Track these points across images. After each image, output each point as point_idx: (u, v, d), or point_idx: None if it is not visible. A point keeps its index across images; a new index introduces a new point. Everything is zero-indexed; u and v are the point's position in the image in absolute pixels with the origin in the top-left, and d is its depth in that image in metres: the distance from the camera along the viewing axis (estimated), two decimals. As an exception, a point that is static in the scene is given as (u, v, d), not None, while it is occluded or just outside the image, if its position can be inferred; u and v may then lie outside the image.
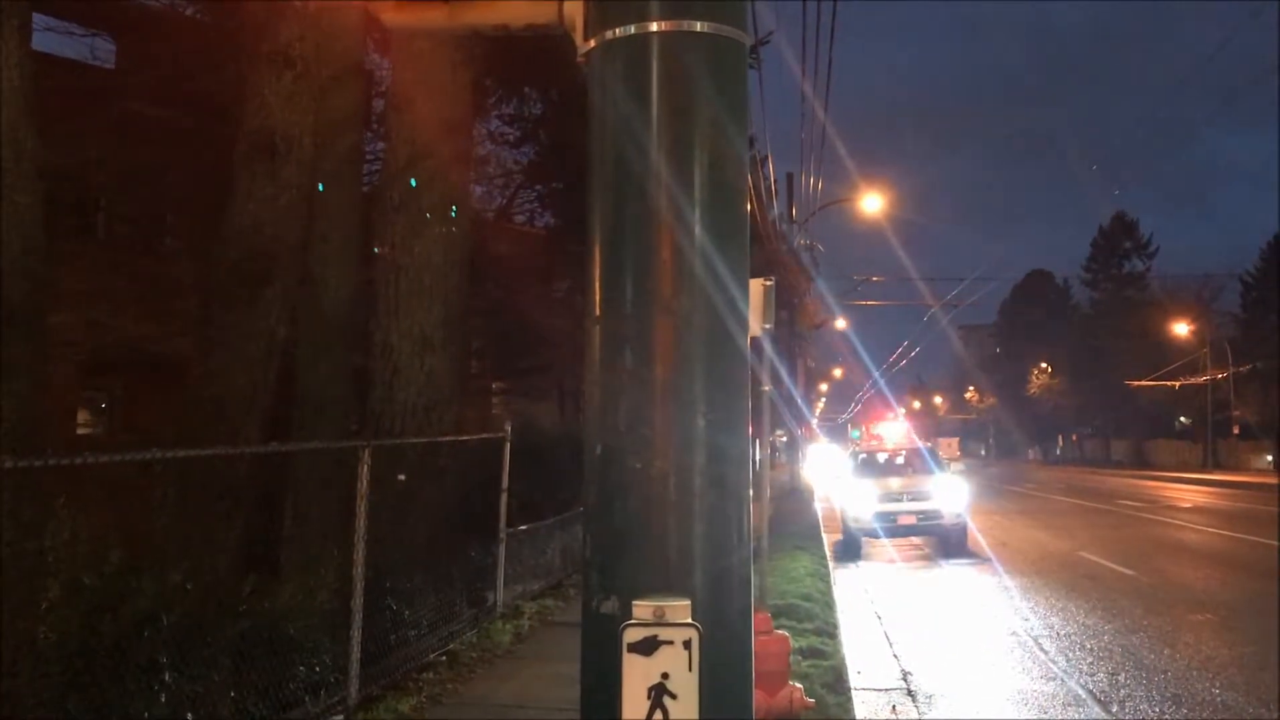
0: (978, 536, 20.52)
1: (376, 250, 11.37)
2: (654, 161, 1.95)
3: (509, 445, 11.26)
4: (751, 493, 2.07)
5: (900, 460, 24.16)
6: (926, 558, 19.56)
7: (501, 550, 11.02)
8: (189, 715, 6.21)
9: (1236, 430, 64.08)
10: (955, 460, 24.00)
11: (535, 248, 22.06)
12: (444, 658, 9.17)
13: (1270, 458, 64.06)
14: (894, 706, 8.87)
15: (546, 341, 21.37)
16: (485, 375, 23.98)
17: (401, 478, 10.07)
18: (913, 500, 19.60)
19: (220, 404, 8.91)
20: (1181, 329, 66.00)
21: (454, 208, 11.30)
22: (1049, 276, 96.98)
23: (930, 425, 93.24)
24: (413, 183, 10.90)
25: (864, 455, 25.26)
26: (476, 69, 12.06)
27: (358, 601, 7.73)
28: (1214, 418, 64.37)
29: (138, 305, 15.74)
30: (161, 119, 14.71)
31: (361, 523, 7.80)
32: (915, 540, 21.10)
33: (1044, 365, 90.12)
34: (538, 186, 21.85)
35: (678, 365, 1.95)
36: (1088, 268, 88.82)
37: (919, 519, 19.38)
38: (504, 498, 11.10)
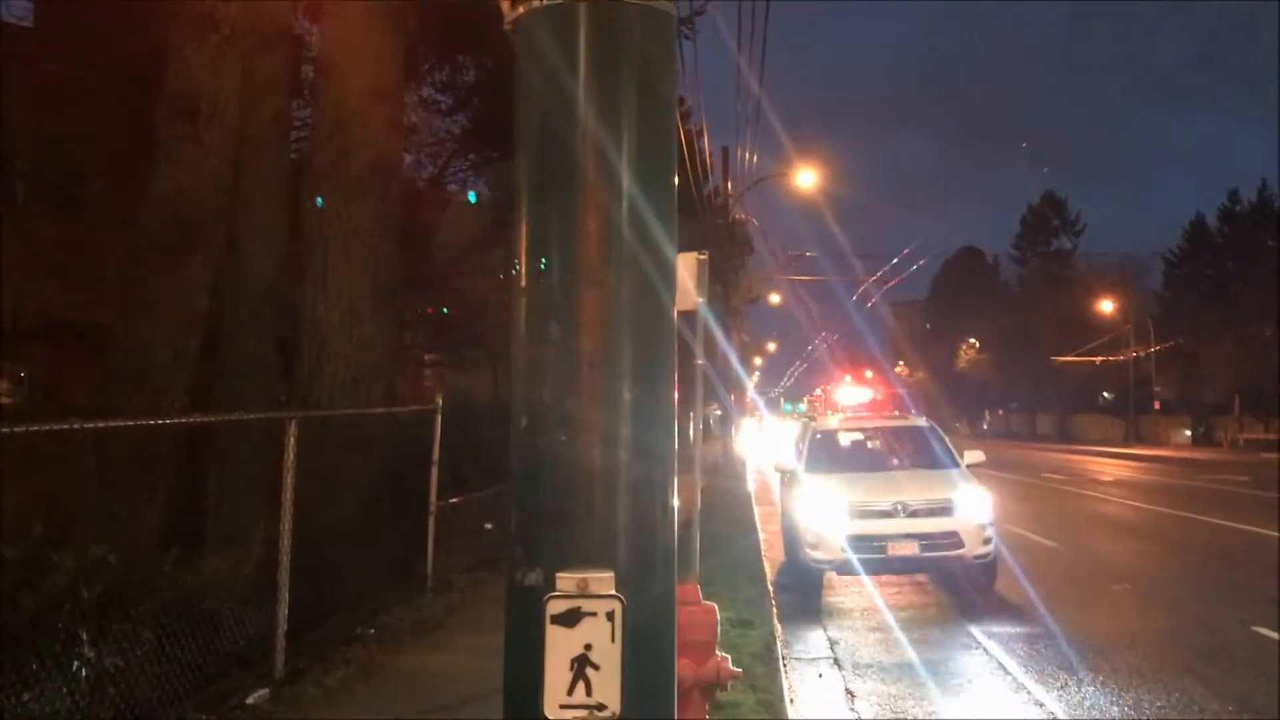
0: (1019, 578, 13.07)
1: (304, 219, 11.19)
2: (581, 131, 1.93)
3: (440, 418, 11.18)
4: (683, 464, 2.07)
5: (882, 444, 15.48)
6: (935, 613, 11.95)
7: (431, 523, 10.96)
8: (110, 689, 6.11)
9: (1158, 406, 65.85)
10: (972, 451, 14.70)
11: (468, 217, 21.83)
12: (373, 631, 9.12)
13: (1189, 432, 65.92)
14: (820, 675, 9.02)
15: (479, 313, 21.21)
16: (417, 347, 23.77)
17: (329, 450, 9.96)
18: (913, 516, 12.18)
19: (142, 374, 8.74)
20: (1107, 306, 67.48)
21: (384, 176, 11.14)
22: (979, 254, 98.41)
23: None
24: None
25: (821, 434, 15.67)
26: (408, 36, 11.88)
27: (284, 574, 7.65)
28: (1136, 393, 66.06)
29: (59, 273, 15.35)
30: (82, 80, 14.30)
31: (288, 495, 7.72)
32: (900, 574, 13.43)
33: (972, 341, 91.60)
34: (471, 155, 21.63)
35: (605, 338, 1.94)
36: (1017, 245, 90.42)
37: (923, 547, 12.03)
38: (434, 470, 11.04)
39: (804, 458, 14.63)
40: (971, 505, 12.37)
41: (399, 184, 12.40)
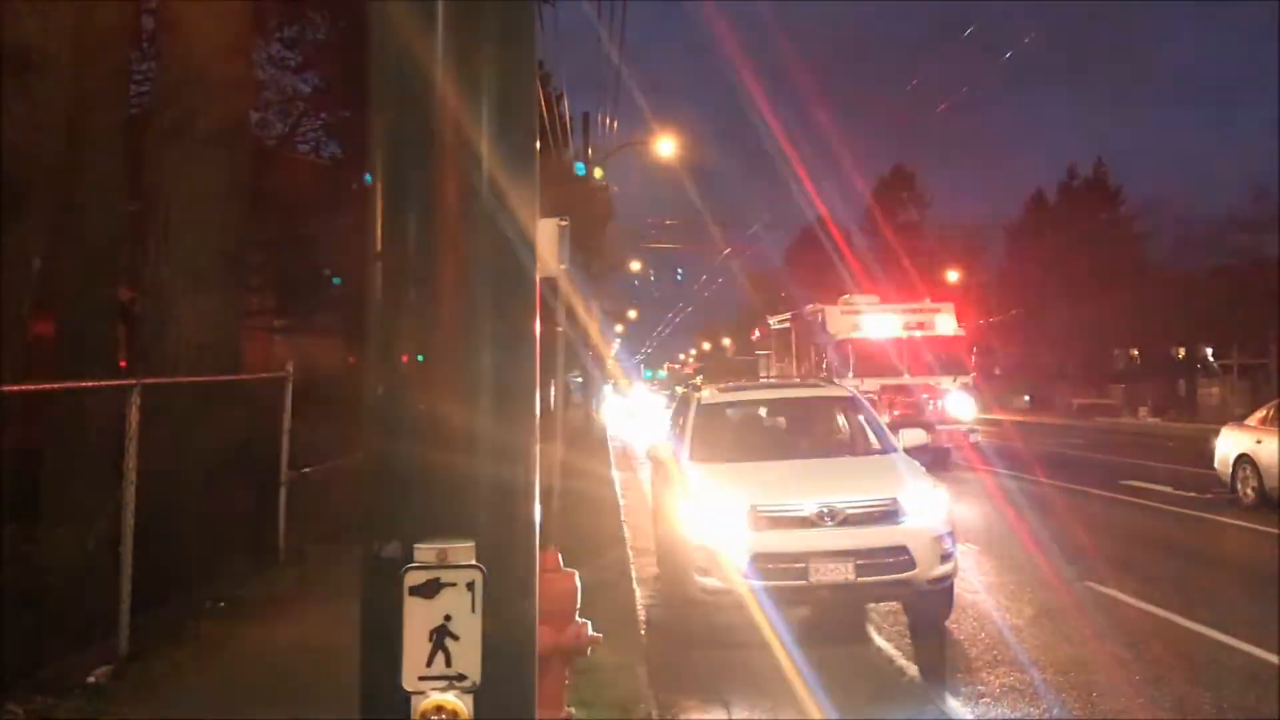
0: (995, 622, 9.55)
1: (146, 177, 10.72)
2: (439, 94, 1.89)
3: (290, 385, 10.90)
4: (544, 431, 2.05)
5: (793, 423, 11.88)
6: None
7: (283, 493, 10.71)
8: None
9: (998, 372, 68.65)
10: (910, 429, 11.63)
11: (320, 179, 21.22)
12: (224, 604, 8.89)
13: (1028, 398, 69.02)
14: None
15: (332, 278, 20.73)
16: (267, 313, 23.09)
17: (175, 420, 9.61)
18: (845, 524, 8.64)
19: (-31, 341, 8.26)
20: (952, 276, 69.81)
21: (231, 135, 10.74)
22: (832, 225, 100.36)
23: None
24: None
25: (709, 407, 11.24)
26: (256, -11, 11.47)
27: (127, 548, 7.38)
28: (979, 360, 68.69)
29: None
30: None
31: (131, 466, 7.43)
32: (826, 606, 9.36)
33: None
34: (323, 115, 21.01)
35: (464, 303, 1.91)
36: (867, 217, 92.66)
37: (860, 569, 8.43)
38: (285, 439, 10.77)
39: (686, 441, 10.51)
40: (923, 507, 8.92)
41: (247, 143, 11.98)
